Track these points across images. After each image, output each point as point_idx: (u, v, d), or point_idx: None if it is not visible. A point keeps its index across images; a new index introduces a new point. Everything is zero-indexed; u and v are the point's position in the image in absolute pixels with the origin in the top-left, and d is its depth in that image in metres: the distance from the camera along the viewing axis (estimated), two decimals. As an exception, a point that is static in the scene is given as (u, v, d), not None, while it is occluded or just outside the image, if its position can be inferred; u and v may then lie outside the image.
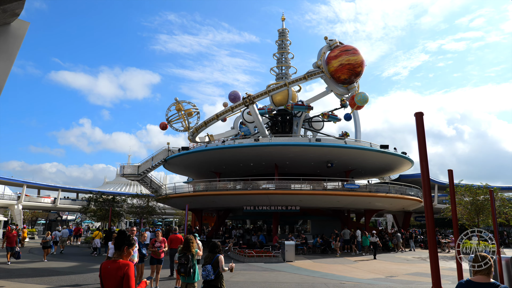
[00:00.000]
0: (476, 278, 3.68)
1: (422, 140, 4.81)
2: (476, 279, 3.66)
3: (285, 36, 39.27)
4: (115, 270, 3.93)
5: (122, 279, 3.88)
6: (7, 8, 4.51)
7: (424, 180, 4.79)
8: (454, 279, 13.23)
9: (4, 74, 4.93)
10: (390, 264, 19.53)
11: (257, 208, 27.07)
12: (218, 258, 6.53)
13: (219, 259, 6.53)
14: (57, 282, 12.24)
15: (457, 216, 8.63)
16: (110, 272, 3.95)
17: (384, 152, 28.01)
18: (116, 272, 3.91)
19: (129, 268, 3.95)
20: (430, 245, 4.71)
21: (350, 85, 31.02)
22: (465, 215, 27.35)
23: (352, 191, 26.42)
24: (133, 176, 34.16)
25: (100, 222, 36.53)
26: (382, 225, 61.32)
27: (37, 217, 67.13)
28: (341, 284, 12.81)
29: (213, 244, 6.73)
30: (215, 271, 6.42)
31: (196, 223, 36.71)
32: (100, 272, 4.05)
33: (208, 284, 6.35)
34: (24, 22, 5.17)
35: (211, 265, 6.40)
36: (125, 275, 3.89)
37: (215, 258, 6.50)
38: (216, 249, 6.66)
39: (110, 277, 3.93)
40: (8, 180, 48.57)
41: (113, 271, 3.93)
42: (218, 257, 6.54)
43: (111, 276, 3.92)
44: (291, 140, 28.10)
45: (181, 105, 32.03)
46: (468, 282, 3.72)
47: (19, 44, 5.15)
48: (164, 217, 71.74)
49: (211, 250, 6.67)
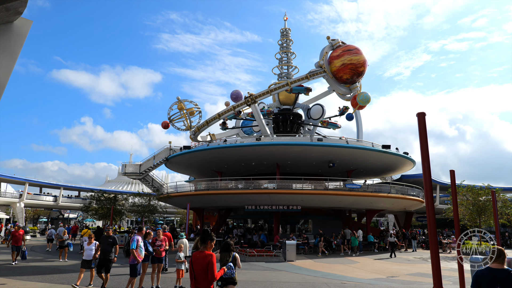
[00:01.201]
0: (493, 265, 4.66)
1: (424, 140, 4.81)
2: (493, 266, 4.65)
3: (287, 36, 39.22)
4: (202, 258, 5.17)
5: (207, 264, 5.09)
6: (10, 7, 4.53)
7: (426, 180, 4.78)
8: (455, 279, 13.20)
9: (7, 73, 4.94)
10: (391, 264, 19.51)
11: (258, 207, 27.07)
12: (236, 256, 6.88)
13: (237, 256, 6.89)
14: (58, 280, 12.28)
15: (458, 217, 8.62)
16: (199, 259, 5.19)
17: (386, 152, 27.96)
18: (203, 259, 5.14)
19: (212, 257, 5.17)
20: (431, 246, 4.71)
21: (352, 85, 30.98)
22: (467, 215, 27.29)
23: (353, 191, 26.38)
24: (135, 175, 34.21)
25: (101, 220, 36.63)
26: (384, 225, 61.24)
27: (39, 215, 67.36)
28: (343, 284, 12.81)
29: (227, 243, 7.05)
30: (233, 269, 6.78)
31: (197, 222, 36.75)
32: (191, 259, 5.30)
33: (227, 281, 6.66)
34: (27, 21, 5.18)
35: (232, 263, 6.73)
36: (209, 262, 5.11)
37: (233, 256, 6.83)
38: (230, 248, 6.97)
39: (198, 263, 5.18)
40: (10, 178, 48.72)
41: (201, 259, 5.17)
42: (235, 255, 6.89)
43: (199, 262, 5.17)
44: (292, 139, 28.07)
45: (183, 104, 32.05)
46: (487, 268, 4.72)
47: (22, 43, 5.16)
48: (165, 216, 71.90)
49: (226, 249, 6.93)
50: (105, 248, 10.53)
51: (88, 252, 11.07)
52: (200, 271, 5.12)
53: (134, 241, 9.69)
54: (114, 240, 10.71)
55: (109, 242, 10.61)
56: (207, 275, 5.07)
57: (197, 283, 5.17)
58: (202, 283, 5.13)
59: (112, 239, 10.67)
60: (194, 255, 5.32)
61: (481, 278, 4.58)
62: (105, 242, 10.59)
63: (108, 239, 10.64)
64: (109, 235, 10.77)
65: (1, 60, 4.87)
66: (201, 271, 5.11)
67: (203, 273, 5.10)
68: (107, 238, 10.68)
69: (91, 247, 11.16)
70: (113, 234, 11.17)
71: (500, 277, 4.50)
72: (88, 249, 11.12)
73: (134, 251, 9.57)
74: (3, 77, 4.91)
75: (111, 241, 10.63)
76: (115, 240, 10.73)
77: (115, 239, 10.72)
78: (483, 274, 4.63)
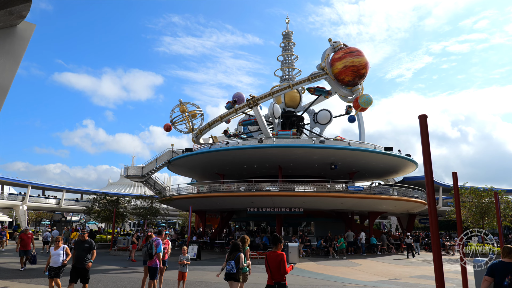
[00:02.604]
0: (505, 259, 5.55)
1: (426, 142, 4.80)
2: (505, 260, 5.54)
3: (289, 38, 39.29)
4: (275, 257, 6.54)
5: (280, 261, 6.46)
6: (14, 11, 4.56)
7: (428, 182, 4.78)
8: (458, 282, 13.14)
9: (11, 76, 4.97)
10: (394, 266, 19.44)
11: (260, 210, 27.05)
12: (239, 255, 7.97)
13: (240, 256, 7.97)
14: (61, 282, 12.26)
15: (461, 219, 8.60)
16: (273, 258, 6.56)
17: (388, 154, 27.92)
18: (276, 258, 6.52)
19: (283, 255, 6.53)
20: (434, 248, 4.70)
21: (354, 87, 30.93)
22: (470, 217, 27.17)
23: (356, 193, 26.34)
24: (137, 177, 34.29)
25: (104, 223, 36.66)
26: (386, 227, 61.05)
27: (42, 218, 67.50)
28: (345, 286, 12.78)
29: (235, 244, 8.25)
30: (237, 266, 7.87)
31: (199, 224, 36.74)
32: (266, 258, 6.65)
33: (229, 276, 7.86)
34: (30, 24, 5.22)
35: (234, 261, 7.87)
36: (281, 260, 6.47)
37: (237, 256, 7.94)
38: (238, 248, 8.12)
39: (273, 260, 6.54)
40: (13, 181, 48.91)
41: (274, 257, 6.55)
42: (239, 255, 7.98)
43: (273, 260, 6.53)
44: (295, 141, 28.06)
45: (185, 106, 32.11)
46: (500, 262, 5.60)
47: (25, 46, 5.19)
48: (167, 219, 71.95)
49: (234, 249, 8.10)
50: (79, 254, 9.19)
51: (55, 258, 9.42)
52: (274, 267, 6.49)
53: (160, 245, 9.98)
54: (91, 244, 9.49)
55: (85, 247, 9.32)
56: (280, 270, 6.45)
57: (272, 275, 6.54)
58: (277, 276, 6.51)
59: (88, 243, 9.42)
60: (268, 255, 6.68)
61: (495, 269, 5.53)
62: (80, 247, 9.29)
63: (83, 244, 9.35)
64: (84, 239, 9.44)
65: (5, 64, 4.90)
66: (275, 266, 6.47)
67: (277, 268, 6.47)
68: (82, 243, 9.38)
69: (58, 251, 9.52)
70: (89, 238, 9.69)
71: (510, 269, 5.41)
72: (55, 255, 9.45)
73: (160, 255, 9.89)
74: (7, 80, 4.95)
75: (88, 246, 9.38)
76: (92, 244, 9.51)
77: (92, 244, 9.51)
78: (496, 266, 5.57)
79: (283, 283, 6.52)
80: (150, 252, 9.83)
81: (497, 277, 5.46)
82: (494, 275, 5.50)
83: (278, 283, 6.51)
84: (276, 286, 6.52)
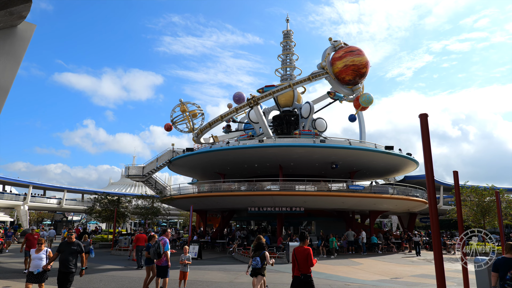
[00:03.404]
0: (507, 255, 6.30)
1: (427, 141, 4.80)
2: (507, 256, 6.29)
3: (289, 38, 39.25)
4: (303, 251, 7.31)
5: (307, 255, 7.24)
6: (14, 11, 4.56)
7: (429, 181, 4.77)
8: (459, 281, 13.14)
9: (11, 76, 4.97)
10: (395, 265, 19.45)
11: (261, 209, 27.05)
12: (265, 253, 9.03)
13: (265, 254, 9.04)
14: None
15: (462, 218, 8.59)
16: (300, 252, 7.33)
17: (389, 153, 27.90)
18: (304, 252, 7.30)
19: (310, 250, 7.33)
20: (434, 247, 4.69)
21: (355, 86, 30.92)
22: (471, 216, 27.15)
23: (356, 192, 26.33)
24: (138, 177, 34.30)
25: (105, 223, 36.69)
26: (387, 227, 61.04)
27: (43, 218, 67.59)
28: (346, 285, 12.78)
29: (260, 243, 9.25)
30: (262, 262, 8.92)
31: (200, 224, 36.76)
32: (294, 252, 7.42)
33: (255, 270, 8.96)
34: (30, 25, 5.22)
35: (260, 258, 8.94)
36: (308, 254, 7.27)
37: (262, 253, 9.02)
38: (262, 246, 9.16)
39: (300, 254, 7.30)
40: (14, 181, 49.01)
41: (302, 251, 7.32)
42: (265, 253, 9.03)
43: (301, 254, 7.30)
44: (295, 141, 28.06)
45: (185, 106, 32.11)
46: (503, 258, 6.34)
47: (25, 46, 5.19)
48: (168, 218, 71.96)
49: (259, 248, 9.15)
50: (66, 258, 8.18)
51: (36, 262, 8.32)
52: (302, 260, 7.26)
53: (167, 244, 10.15)
54: (79, 247, 8.51)
55: (72, 250, 8.34)
56: (307, 262, 7.24)
57: (300, 268, 7.28)
58: (304, 268, 7.27)
59: (76, 245, 8.45)
60: (296, 249, 7.47)
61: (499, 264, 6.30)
62: (66, 250, 8.29)
63: (70, 247, 8.36)
64: (71, 241, 8.46)
65: (5, 64, 4.91)
66: (303, 260, 7.25)
67: (304, 261, 7.24)
68: (69, 245, 8.37)
69: (40, 255, 8.39)
70: (77, 240, 8.75)
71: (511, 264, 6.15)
72: (36, 258, 8.36)
73: (168, 254, 10.06)
74: (7, 81, 4.95)
75: (75, 249, 8.40)
76: (80, 247, 8.53)
77: (80, 246, 8.56)
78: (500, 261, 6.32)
79: (309, 275, 7.28)
80: (158, 252, 10.04)
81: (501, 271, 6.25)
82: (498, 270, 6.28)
83: (304, 275, 7.25)
84: (303, 277, 7.23)
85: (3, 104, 4.92)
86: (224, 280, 13.42)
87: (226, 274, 15.03)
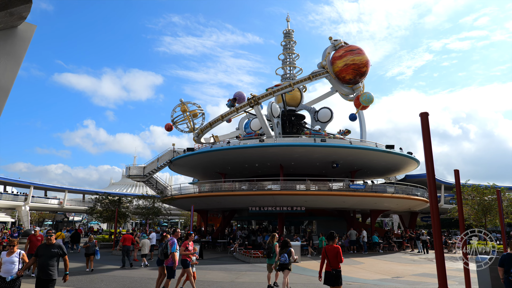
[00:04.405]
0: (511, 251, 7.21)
1: (428, 140, 4.79)
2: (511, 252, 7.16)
3: (290, 37, 39.21)
4: (333, 249, 8.27)
5: (337, 253, 8.19)
6: (14, 12, 4.56)
7: (430, 180, 4.77)
8: (461, 279, 13.13)
9: (12, 77, 4.97)
10: (396, 264, 19.43)
11: (262, 208, 27.05)
12: (291, 250, 10.51)
13: (291, 251, 10.52)
14: (64, 283, 12.28)
15: (463, 217, 8.59)
16: (331, 250, 8.28)
17: (390, 152, 27.86)
18: (334, 250, 8.24)
19: (339, 248, 8.29)
20: (436, 246, 4.69)
21: (355, 85, 30.90)
22: (472, 215, 27.11)
23: (357, 192, 26.31)
24: (139, 177, 34.30)
25: (106, 223, 36.71)
26: (388, 226, 60.99)
27: (44, 218, 67.65)
28: (347, 284, 12.76)
29: (285, 241, 10.79)
30: (289, 258, 10.34)
31: (201, 223, 36.77)
32: (325, 250, 8.35)
33: (283, 265, 10.40)
34: (30, 25, 5.22)
35: (287, 254, 10.39)
36: (338, 251, 8.22)
37: (288, 250, 10.46)
38: (288, 245, 10.66)
39: (331, 252, 8.25)
40: (15, 182, 49.05)
41: (332, 249, 8.27)
42: (291, 250, 10.51)
43: (332, 252, 8.24)
44: (296, 140, 28.04)
45: (186, 106, 32.11)
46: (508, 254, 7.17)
47: (26, 47, 5.19)
48: (169, 218, 71.97)
49: (285, 245, 10.64)
50: (45, 263, 7.14)
51: (7, 267, 7.09)
52: (332, 257, 8.22)
53: (175, 245, 10.07)
54: (61, 249, 7.43)
55: (53, 253, 7.23)
56: (337, 259, 8.19)
57: (331, 264, 8.25)
58: (334, 264, 8.23)
59: (57, 248, 7.36)
60: (326, 248, 8.41)
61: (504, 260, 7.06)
62: (45, 254, 7.22)
63: (50, 249, 7.27)
64: (50, 243, 7.36)
65: (6, 65, 4.91)
66: (333, 256, 8.21)
67: (334, 257, 8.20)
68: (48, 248, 7.29)
69: (11, 258, 7.18)
70: (57, 241, 7.60)
71: None
72: (7, 262, 7.13)
73: (175, 254, 9.95)
74: (8, 81, 4.95)
75: (56, 252, 7.29)
76: (61, 249, 7.45)
77: (62, 248, 7.47)
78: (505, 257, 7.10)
79: (339, 269, 8.29)
80: (165, 252, 10.10)
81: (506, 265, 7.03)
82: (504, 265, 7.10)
83: (335, 269, 8.27)
84: (334, 272, 8.26)
85: (4, 105, 4.92)
86: (225, 280, 13.42)
87: (227, 274, 15.03)
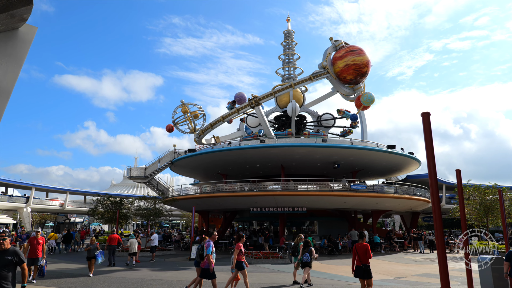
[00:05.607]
0: None
1: (429, 140, 4.78)
2: None
3: (290, 38, 39.22)
4: (362, 246, 9.56)
5: (366, 250, 9.49)
6: (15, 14, 4.56)
7: (432, 180, 4.75)
8: (463, 279, 13.10)
9: (13, 79, 4.97)
10: (398, 265, 19.39)
11: (263, 209, 27.03)
12: (311, 249, 12.44)
13: (312, 250, 12.46)
14: (65, 284, 12.30)
15: (465, 217, 8.59)
16: (360, 247, 9.56)
17: (391, 152, 27.83)
18: (363, 247, 9.54)
19: (368, 246, 9.58)
20: (438, 246, 4.68)
21: (356, 86, 30.88)
22: (474, 215, 27.05)
23: (359, 192, 26.26)
24: (140, 179, 34.30)
25: (107, 224, 36.70)
26: (390, 226, 60.91)
27: (46, 220, 67.72)
28: (349, 285, 12.74)
29: (307, 241, 12.77)
30: (310, 257, 12.23)
31: (203, 224, 36.76)
32: (355, 247, 9.67)
33: (304, 264, 12.26)
34: (31, 27, 5.22)
35: (308, 253, 12.29)
36: (367, 249, 9.52)
37: (309, 249, 12.37)
38: (309, 245, 12.57)
39: (361, 249, 9.54)
40: (16, 183, 49.09)
41: (362, 247, 9.56)
42: (311, 249, 12.45)
43: (361, 249, 9.53)
44: (297, 141, 28.02)
45: (187, 107, 32.11)
46: None
47: (27, 49, 5.19)
48: (171, 219, 72.00)
49: (307, 245, 12.58)
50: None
51: None
52: (362, 253, 9.46)
53: (210, 247, 10.10)
54: (16, 256, 5.87)
55: (6, 261, 5.71)
56: (366, 255, 9.45)
57: (360, 259, 9.45)
58: (364, 259, 9.43)
59: (11, 255, 5.81)
60: (357, 245, 9.68)
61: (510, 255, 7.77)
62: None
63: (3, 257, 5.73)
64: (4, 249, 5.81)
65: (7, 67, 4.91)
66: (363, 253, 9.46)
67: (364, 254, 9.44)
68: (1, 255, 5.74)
69: None
70: (12, 247, 5.97)
71: None
72: None
73: (210, 257, 9.95)
74: (9, 83, 4.95)
75: (10, 260, 5.77)
76: (18, 256, 5.89)
77: (18, 255, 5.90)
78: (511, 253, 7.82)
79: (368, 265, 9.42)
80: (201, 253, 10.36)
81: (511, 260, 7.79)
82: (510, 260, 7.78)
83: (364, 265, 9.41)
84: (363, 266, 9.39)
85: (5, 107, 4.92)
86: (225, 280, 13.37)
87: (229, 275, 14.99)
